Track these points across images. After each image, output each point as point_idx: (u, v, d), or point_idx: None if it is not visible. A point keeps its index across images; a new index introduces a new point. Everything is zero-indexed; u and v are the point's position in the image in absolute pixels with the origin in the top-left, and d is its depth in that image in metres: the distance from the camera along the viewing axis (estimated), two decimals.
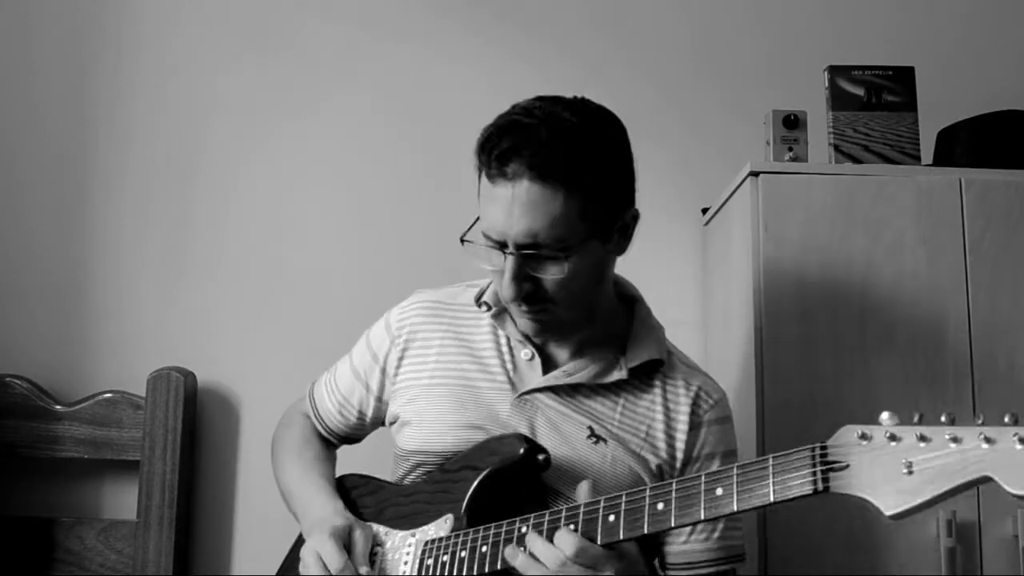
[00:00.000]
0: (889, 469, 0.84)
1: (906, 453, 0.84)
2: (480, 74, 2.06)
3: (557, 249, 1.13)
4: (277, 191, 2.02)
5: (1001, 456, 0.79)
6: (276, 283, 1.99)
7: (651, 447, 1.23)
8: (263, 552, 1.63)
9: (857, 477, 0.85)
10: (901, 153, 1.64)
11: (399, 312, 1.36)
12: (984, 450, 0.80)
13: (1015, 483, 0.77)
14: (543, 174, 1.11)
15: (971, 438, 0.81)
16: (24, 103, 2.03)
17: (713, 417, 1.27)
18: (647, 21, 2.08)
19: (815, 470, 0.88)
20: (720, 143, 1.99)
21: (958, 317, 1.55)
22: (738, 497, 0.93)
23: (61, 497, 1.91)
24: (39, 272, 1.98)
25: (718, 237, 1.86)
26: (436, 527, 1.19)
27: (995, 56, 2.06)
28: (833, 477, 0.87)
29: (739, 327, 1.66)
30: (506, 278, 1.14)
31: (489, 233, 1.15)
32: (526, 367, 1.26)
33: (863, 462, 0.85)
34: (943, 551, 1.47)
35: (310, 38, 2.06)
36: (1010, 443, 0.79)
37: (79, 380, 1.93)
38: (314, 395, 1.44)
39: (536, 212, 1.11)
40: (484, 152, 1.15)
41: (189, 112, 2.04)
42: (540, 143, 1.12)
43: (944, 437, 0.82)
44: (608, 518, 1.03)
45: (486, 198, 1.16)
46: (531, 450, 1.15)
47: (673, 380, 1.27)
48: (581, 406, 1.23)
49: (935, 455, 0.82)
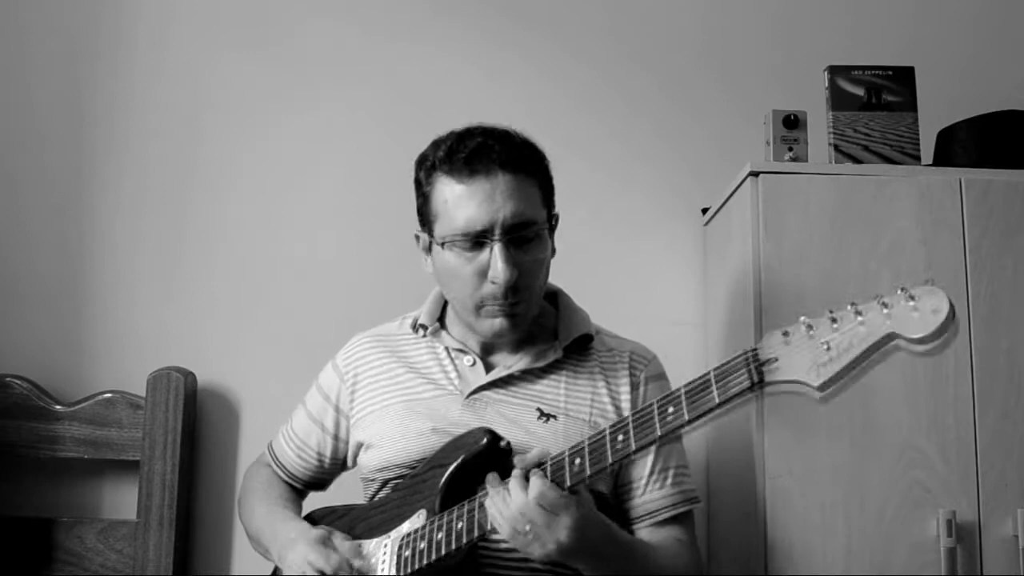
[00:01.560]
0: (811, 352, 0.97)
1: (822, 335, 0.97)
2: (480, 73, 2.06)
3: (536, 232, 1.27)
4: (276, 191, 2.02)
5: (898, 314, 0.94)
6: (276, 283, 1.99)
7: (600, 412, 1.32)
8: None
9: (785, 365, 0.98)
10: (901, 153, 1.64)
11: (343, 354, 1.45)
12: (884, 314, 0.94)
13: (912, 331, 0.92)
14: (516, 166, 1.25)
15: (872, 308, 0.95)
16: (22, 104, 2.02)
17: (650, 374, 1.37)
18: (647, 21, 2.08)
19: (749, 368, 0.99)
20: (720, 143, 1.99)
21: (958, 317, 1.54)
22: (688, 408, 1.02)
23: (61, 497, 1.91)
24: (39, 272, 1.98)
25: (718, 237, 1.86)
26: (410, 523, 1.21)
27: (995, 56, 2.06)
28: (766, 369, 0.99)
29: (739, 327, 1.66)
30: (499, 265, 1.23)
31: (471, 228, 1.24)
32: (469, 372, 1.35)
33: (789, 352, 0.98)
34: (943, 551, 1.47)
35: (307, 36, 2.06)
36: (903, 303, 0.94)
37: (79, 380, 1.93)
38: (273, 447, 1.51)
39: (518, 196, 1.24)
40: (450, 160, 1.25)
41: (187, 112, 2.04)
42: (502, 141, 1.27)
43: (851, 315, 0.96)
44: (575, 461, 1.10)
45: (457, 200, 1.25)
46: (493, 439, 1.20)
47: (607, 351, 1.39)
48: (527, 392, 1.32)
49: (846, 328, 0.96)
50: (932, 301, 0.94)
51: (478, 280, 1.26)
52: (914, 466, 1.50)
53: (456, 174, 1.25)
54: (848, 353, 0.94)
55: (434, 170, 1.28)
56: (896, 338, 0.94)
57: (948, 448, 1.51)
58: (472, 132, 1.29)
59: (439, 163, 1.27)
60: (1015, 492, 1.50)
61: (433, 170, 1.28)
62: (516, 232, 1.25)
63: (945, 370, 1.53)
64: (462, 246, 1.25)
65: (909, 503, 1.50)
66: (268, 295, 1.98)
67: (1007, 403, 1.53)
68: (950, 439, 1.51)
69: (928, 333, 0.92)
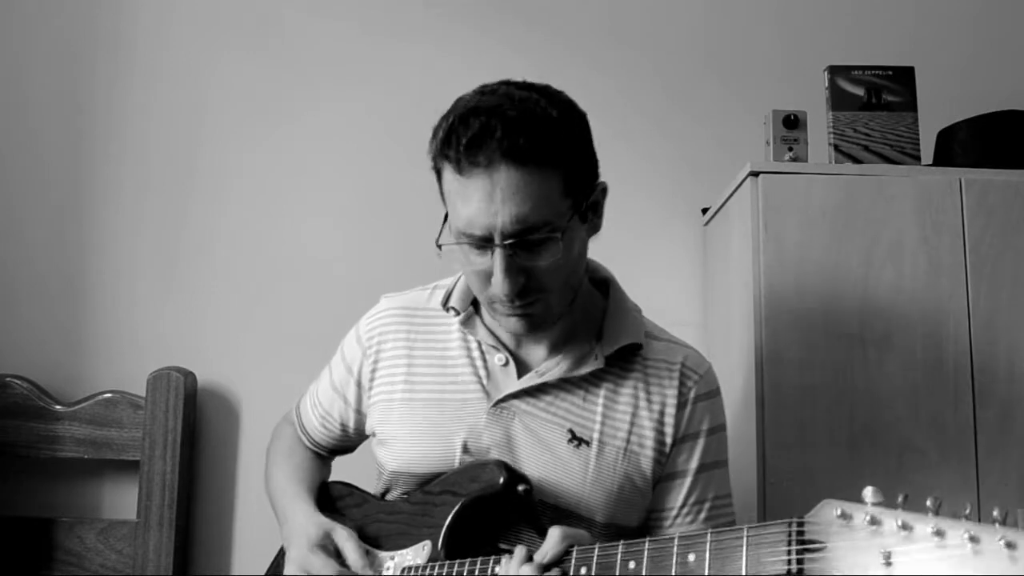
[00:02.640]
0: (867, 557, 0.78)
1: (886, 541, 0.78)
2: (480, 72, 2.03)
3: (548, 231, 1.07)
4: (276, 191, 2.02)
5: (984, 558, 0.74)
6: (276, 283, 1.99)
7: (638, 439, 1.19)
8: (263, 552, 1.62)
9: (833, 561, 0.81)
10: (901, 153, 1.64)
11: (367, 322, 1.32)
12: (967, 550, 0.74)
13: None
14: (520, 156, 1.05)
15: (955, 535, 0.75)
16: (21, 105, 2.03)
17: (701, 392, 1.22)
18: (647, 21, 2.08)
19: (790, 548, 0.84)
20: (720, 143, 1.99)
21: (958, 317, 1.55)
22: (711, 565, 0.90)
23: (61, 497, 1.91)
24: (39, 272, 1.98)
25: (718, 237, 1.86)
26: (414, 553, 1.17)
27: (995, 56, 2.06)
28: (808, 559, 0.82)
29: (739, 327, 1.66)
30: (498, 275, 1.08)
31: (470, 230, 1.08)
32: (500, 373, 1.21)
33: (841, 545, 0.81)
34: None
35: (306, 37, 2.06)
36: (995, 546, 0.73)
37: (79, 380, 1.93)
38: (300, 409, 1.43)
39: (520, 196, 1.05)
40: (449, 146, 1.07)
41: (187, 112, 2.04)
42: (508, 124, 1.05)
43: (927, 529, 0.76)
44: (580, 570, 1.00)
45: (458, 195, 1.08)
46: (511, 481, 1.12)
47: (655, 362, 1.22)
48: (560, 406, 1.19)
49: (916, 548, 0.77)
50: None
51: (485, 281, 1.12)
52: (914, 466, 1.50)
53: (454, 164, 1.07)
54: None
55: (439, 154, 1.11)
56: None
57: (948, 448, 1.51)
58: (479, 108, 1.08)
59: (441, 146, 1.10)
60: (1015, 492, 1.50)
61: (438, 154, 1.11)
62: (520, 236, 1.07)
63: (945, 370, 1.53)
64: (468, 244, 1.10)
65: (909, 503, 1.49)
66: (268, 295, 1.98)
67: (1007, 403, 1.53)
68: (950, 439, 1.51)
69: None
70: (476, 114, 1.07)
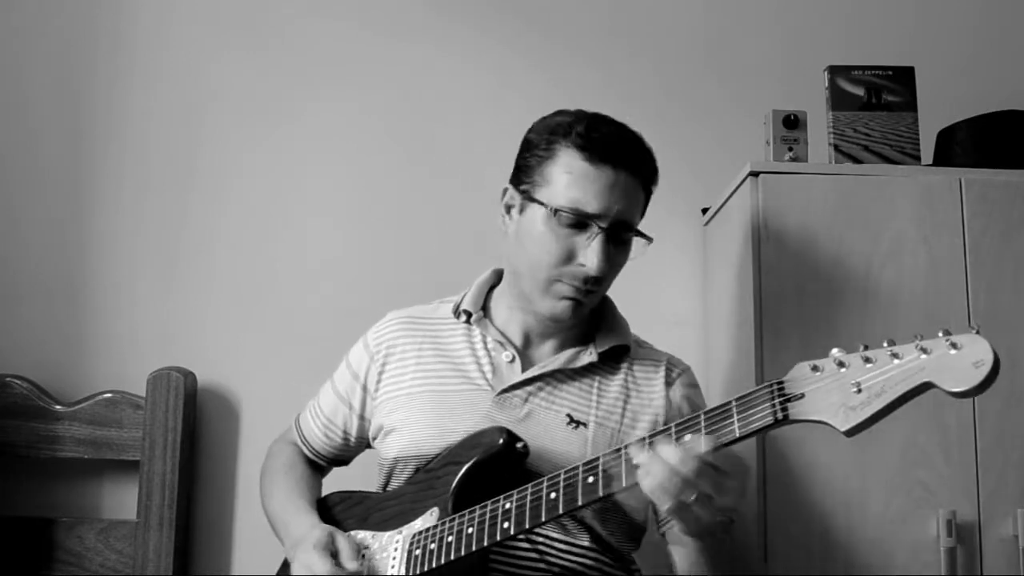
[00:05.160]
0: (840, 392, 0.92)
1: (854, 375, 0.92)
2: (481, 73, 2.06)
3: (631, 236, 1.30)
4: (276, 191, 2.02)
5: (937, 362, 0.88)
6: (276, 283, 1.99)
7: (630, 421, 1.30)
8: (263, 552, 1.63)
9: (812, 404, 0.93)
10: (901, 153, 1.64)
11: (375, 330, 1.42)
12: (922, 359, 0.89)
13: (951, 383, 0.86)
14: (637, 170, 1.28)
15: (910, 351, 0.90)
16: (20, 105, 2.02)
17: (685, 381, 1.37)
18: (647, 21, 2.08)
19: (774, 402, 0.95)
20: (720, 143, 1.99)
21: (958, 317, 1.55)
22: (706, 439, 0.97)
23: (61, 497, 1.91)
24: (39, 272, 1.98)
25: (718, 237, 1.86)
26: (423, 520, 1.21)
27: (995, 56, 2.06)
28: (791, 407, 0.94)
29: (739, 327, 1.66)
30: (598, 252, 1.24)
31: (582, 207, 1.24)
32: (506, 369, 1.33)
33: (817, 390, 0.93)
34: (943, 551, 1.47)
35: (306, 37, 2.06)
36: (944, 349, 0.88)
37: (79, 380, 1.93)
38: (300, 423, 1.49)
39: (630, 198, 1.27)
40: (586, 137, 1.25)
41: (188, 112, 2.03)
42: (637, 142, 1.30)
43: (886, 355, 0.91)
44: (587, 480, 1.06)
45: (578, 175, 1.24)
46: (510, 440, 1.19)
47: (642, 361, 1.38)
48: (558, 395, 1.31)
49: (880, 370, 0.90)
50: (976, 351, 0.87)
51: (564, 258, 1.25)
52: (915, 466, 1.51)
53: (587, 152, 1.24)
54: (879, 399, 0.89)
55: (563, 138, 1.26)
56: (932, 387, 0.88)
57: (949, 448, 1.51)
58: (608, 120, 1.30)
59: (574, 135, 1.26)
60: (1015, 492, 1.50)
61: (562, 138, 1.26)
62: (619, 229, 1.27)
63: None
64: (566, 220, 1.24)
65: (910, 503, 1.50)
66: (268, 295, 1.98)
67: (1007, 403, 1.53)
68: (951, 439, 1.51)
69: (969, 387, 0.86)
70: (607, 123, 1.29)
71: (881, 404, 0.89)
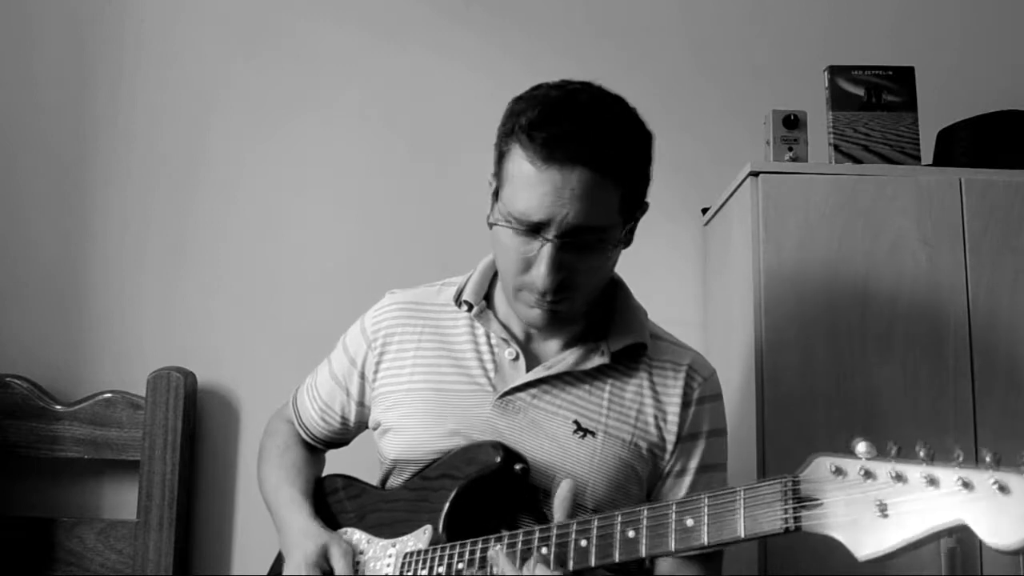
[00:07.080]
0: (862, 509, 0.80)
1: (880, 492, 0.79)
2: (479, 74, 2.06)
3: (599, 238, 1.12)
4: (277, 191, 2.02)
5: (978, 502, 0.74)
6: (276, 283, 1.99)
7: (643, 432, 1.20)
8: (263, 552, 1.62)
9: (829, 516, 0.82)
10: (901, 153, 1.64)
11: (373, 315, 1.33)
12: (961, 496, 0.75)
13: (991, 533, 0.73)
14: (600, 165, 1.08)
15: (948, 480, 0.76)
16: (24, 104, 2.03)
17: (705, 394, 1.24)
18: (647, 21, 2.08)
19: (786, 507, 0.85)
20: (720, 143, 1.99)
21: (958, 317, 1.55)
22: (709, 530, 0.91)
23: (61, 497, 1.91)
24: (39, 272, 1.98)
25: (718, 237, 1.86)
26: (415, 538, 1.18)
27: (995, 56, 2.06)
28: (805, 516, 0.84)
29: (739, 327, 1.66)
30: (542, 267, 1.10)
31: (528, 216, 1.10)
32: (509, 367, 1.22)
33: (836, 500, 0.82)
34: (943, 551, 1.47)
35: (311, 39, 2.06)
36: (988, 489, 0.74)
37: (79, 380, 1.93)
38: (297, 403, 1.43)
39: (587, 201, 1.08)
40: (529, 134, 1.09)
41: (189, 113, 2.04)
42: (597, 132, 1.10)
43: (919, 477, 0.77)
44: (580, 543, 1.01)
45: (525, 180, 1.10)
46: (507, 460, 1.13)
47: (660, 362, 1.24)
48: (566, 399, 1.20)
49: (910, 498, 0.78)
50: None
51: (523, 266, 1.13)
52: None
53: (530, 153, 1.09)
54: (905, 531, 0.77)
55: (513, 132, 1.12)
56: (968, 530, 0.75)
57: (949, 448, 1.51)
58: (566, 110, 1.11)
59: (518, 130, 1.11)
60: None
61: (513, 132, 1.12)
62: (574, 236, 1.10)
63: (945, 370, 1.53)
64: (516, 229, 1.11)
65: None
66: (268, 295, 1.98)
67: (1007, 403, 1.53)
68: (951, 439, 1.51)
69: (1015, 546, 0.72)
70: (566, 112, 1.11)
71: (906, 539, 0.77)
